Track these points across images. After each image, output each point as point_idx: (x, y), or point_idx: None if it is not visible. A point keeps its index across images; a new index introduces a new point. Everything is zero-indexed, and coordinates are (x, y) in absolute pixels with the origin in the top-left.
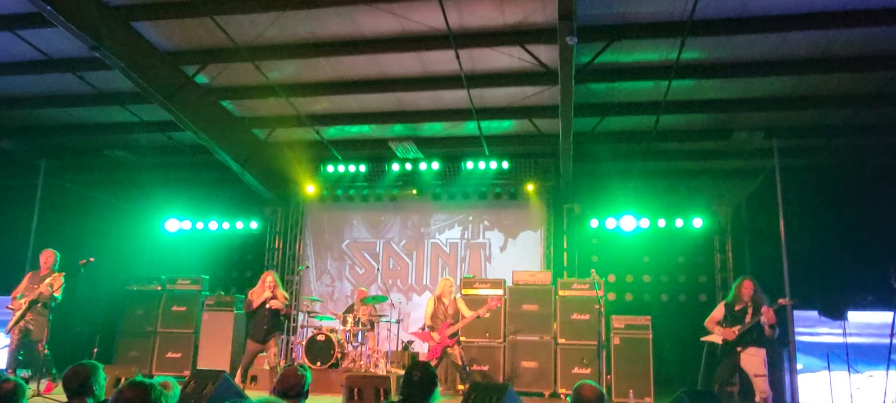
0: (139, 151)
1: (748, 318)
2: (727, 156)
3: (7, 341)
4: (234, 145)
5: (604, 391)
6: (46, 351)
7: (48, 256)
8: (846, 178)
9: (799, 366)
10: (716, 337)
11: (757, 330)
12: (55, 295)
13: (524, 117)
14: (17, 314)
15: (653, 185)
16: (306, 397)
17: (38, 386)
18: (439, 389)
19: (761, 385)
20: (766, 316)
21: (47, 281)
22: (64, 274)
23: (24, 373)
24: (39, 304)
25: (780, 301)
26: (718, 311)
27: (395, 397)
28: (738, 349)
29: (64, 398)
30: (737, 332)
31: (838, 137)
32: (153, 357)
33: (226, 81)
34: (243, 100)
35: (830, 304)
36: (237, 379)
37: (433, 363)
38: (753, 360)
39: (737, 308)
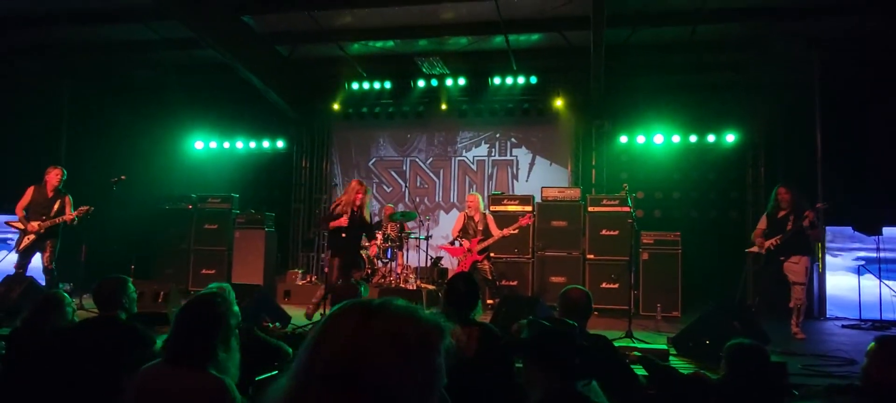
0: (163, 70)
1: (790, 225)
2: (764, 68)
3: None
4: (256, 63)
5: (590, 295)
6: (54, 273)
7: (56, 174)
8: (887, 92)
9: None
10: (758, 248)
11: (799, 236)
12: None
13: (554, 29)
14: (32, 237)
15: (685, 100)
16: None
17: (80, 299)
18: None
19: (797, 293)
20: (809, 218)
21: (65, 204)
22: (70, 195)
23: (67, 286)
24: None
25: (819, 205)
26: (762, 223)
27: (439, 309)
28: (781, 258)
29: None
30: (778, 241)
31: (882, 48)
32: (189, 274)
33: None
34: (264, 15)
35: (865, 219)
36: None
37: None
38: (795, 268)
39: (779, 216)
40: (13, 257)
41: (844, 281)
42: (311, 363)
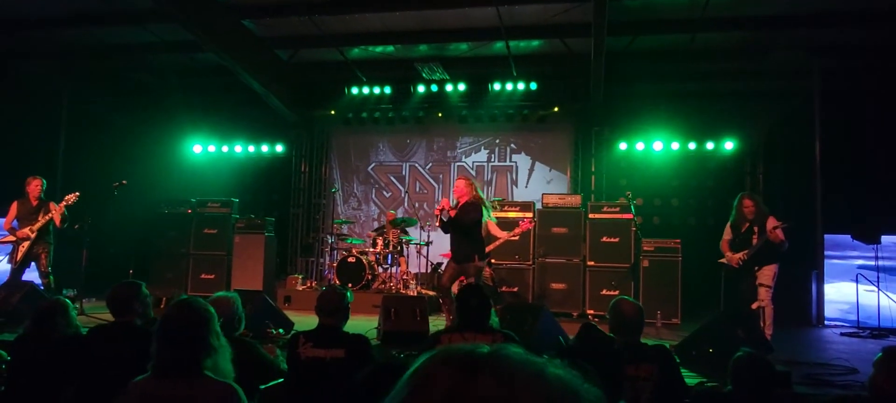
0: (162, 74)
1: (755, 240)
2: (763, 76)
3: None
4: (256, 67)
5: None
6: (51, 278)
7: (37, 185)
8: (886, 100)
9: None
10: (729, 260)
11: (766, 248)
12: (65, 217)
13: (554, 36)
14: (27, 245)
15: (684, 107)
16: (347, 317)
17: (81, 305)
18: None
19: (762, 294)
20: (772, 235)
21: (49, 208)
22: (53, 201)
23: (70, 293)
24: (46, 232)
25: (783, 223)
26: (727, 233)
27: (450, 323)
28: (755, 268)
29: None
30: (746, 256)
31: (882, 57)
32: (188, 279)
33: None
34: (264, 18)
35: (864, 228)
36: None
37: (464, 283)
38: (764, 273)
39: (743, 228)
40: (8, 267)
41: (843, 289)
42: None
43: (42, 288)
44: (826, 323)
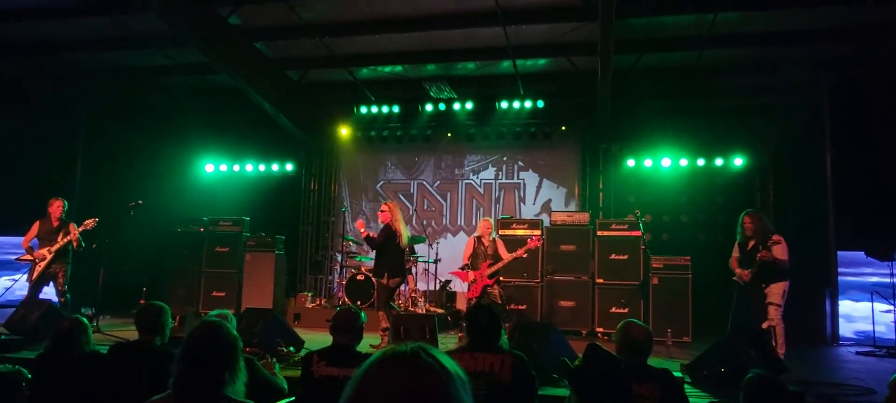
0: (175, 95)
1: (759, 257)
2: (772, 92)
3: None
4: (267, 87)
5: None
6: (67, 297)
7: (58, 205)
8: None
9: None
10: (740, 276)
11: (766, 267)
12: (82, 242)
13: (561, 55)
14: (43, 264)
15: (692, 123)
16: (361, 337)
17: (97, 323)
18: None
19: (772, 313)
20: (763, 255)
21: (69, 229)
22: (73, 223)
23: (88, 312)
24: (64, 252)
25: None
26: (735, 251)
27: (460, 343)
28: (762, 285)
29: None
30: (751, 274)
31: (891, 70)
32: (199, 296)
33: (259, 22)
34: (276, 41)
35: (878, 245)
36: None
37: (473, 302)
38: (772, 290)
39: (748, 247)
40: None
41: (858, 307)
42: None
43: (59, 306)
44: (841, 341)
